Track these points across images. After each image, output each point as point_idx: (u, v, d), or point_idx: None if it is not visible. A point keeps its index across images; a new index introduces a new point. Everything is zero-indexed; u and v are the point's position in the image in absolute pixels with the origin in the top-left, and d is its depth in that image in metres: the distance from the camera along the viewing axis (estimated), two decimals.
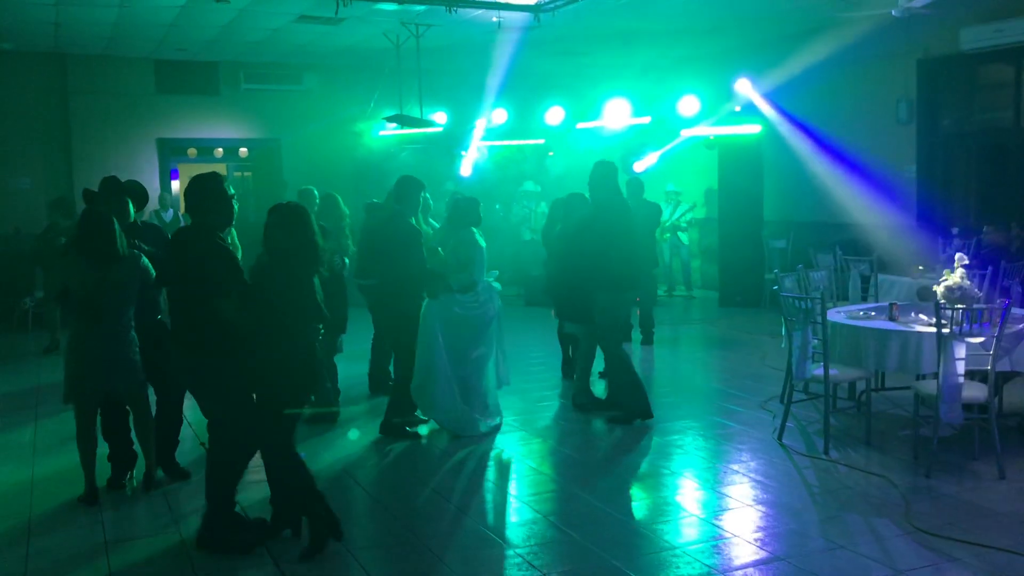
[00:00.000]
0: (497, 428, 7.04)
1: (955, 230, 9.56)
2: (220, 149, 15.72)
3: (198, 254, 4.57)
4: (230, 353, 4.55)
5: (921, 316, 6.66)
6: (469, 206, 7.02)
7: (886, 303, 7.31)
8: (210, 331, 4.52)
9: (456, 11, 9.26)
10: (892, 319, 6.57)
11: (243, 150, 15.95)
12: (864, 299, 9.16)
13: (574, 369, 8.20)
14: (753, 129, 12.94)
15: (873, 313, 6.84)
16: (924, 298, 8.88)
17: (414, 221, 7.00)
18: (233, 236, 10.04)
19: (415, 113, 12.84)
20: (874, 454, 6.16)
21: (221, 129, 15.14)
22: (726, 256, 13.59)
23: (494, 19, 10.78)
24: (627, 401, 7.26)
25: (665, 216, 13.54)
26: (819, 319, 6.16)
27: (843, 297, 9.24)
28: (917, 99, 11.78)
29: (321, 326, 4.84)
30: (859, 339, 6.25)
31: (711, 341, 11.20)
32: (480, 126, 14.43)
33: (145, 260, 5.40)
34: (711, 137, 13.38)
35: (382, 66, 13.78)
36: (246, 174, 17.30)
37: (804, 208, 13.37)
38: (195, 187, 4.72)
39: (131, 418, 5.71)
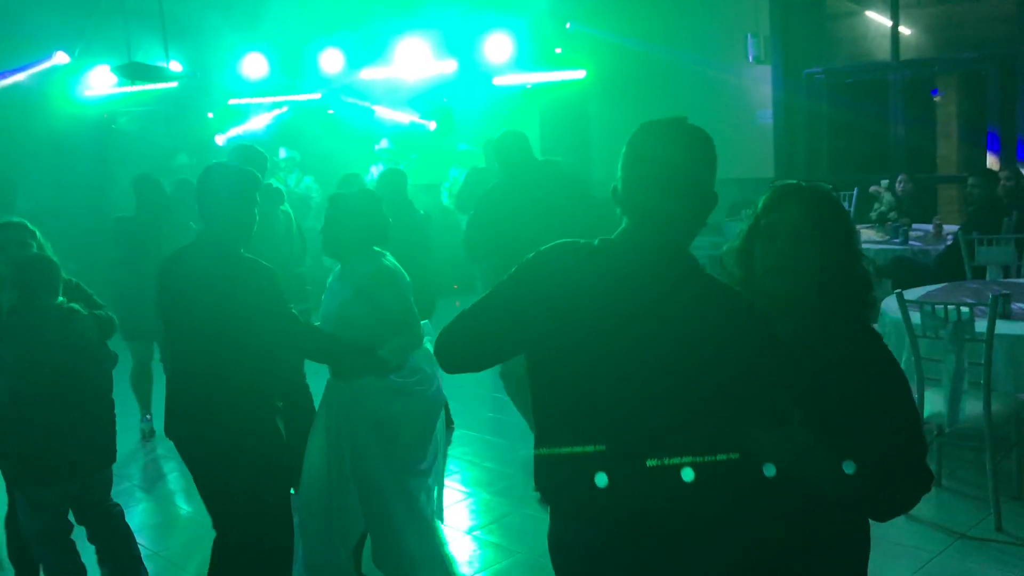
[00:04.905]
0: None
1: (885, 181, 8.06)
2: None
3: None
4: None
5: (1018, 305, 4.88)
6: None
7: (961, 284, 5.45)
8: None
9: None
10: (1007, 316, 4.70)
11: None
12: None
13: None
14: (577, 75, 10.80)
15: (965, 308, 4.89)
16: (887, 274, 7.30)
17: None
18: None
19: (154, 59, 9.25)
20: None
21: None
22: None
23: None
24: None
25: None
26: (970, 336, 4.14)
27: None
28: (772, 32, 10.22)
29: None
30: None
31: None
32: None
33: None
34: (528, 86, 11.09)
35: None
36: None
37: None
38: None
39: None
